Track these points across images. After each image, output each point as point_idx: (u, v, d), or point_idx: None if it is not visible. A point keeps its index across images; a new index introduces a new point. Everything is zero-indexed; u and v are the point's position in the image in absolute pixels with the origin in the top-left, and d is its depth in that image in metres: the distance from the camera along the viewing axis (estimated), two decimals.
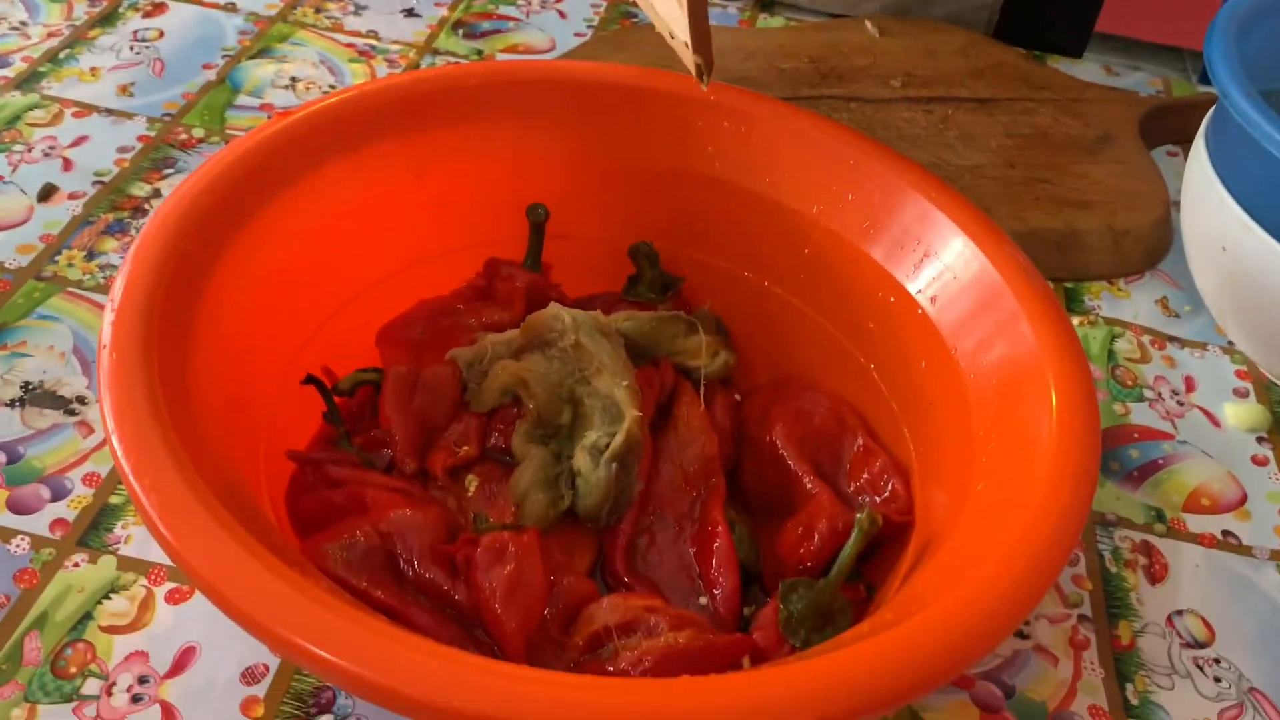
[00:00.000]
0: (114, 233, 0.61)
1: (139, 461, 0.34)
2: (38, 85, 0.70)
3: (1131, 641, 0.48)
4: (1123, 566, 0.52)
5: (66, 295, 0.57)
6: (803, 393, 0.51)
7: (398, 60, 0.76)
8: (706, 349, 0.52)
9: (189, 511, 0.33)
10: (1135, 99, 0.78)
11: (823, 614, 0.42)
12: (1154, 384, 0.61)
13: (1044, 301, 0.43)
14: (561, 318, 0.49)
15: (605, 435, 0.46)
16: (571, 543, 0.46)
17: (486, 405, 0.49)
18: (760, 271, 0.54)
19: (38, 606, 0.44)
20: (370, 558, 0.40)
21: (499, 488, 0.47)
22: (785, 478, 0.48)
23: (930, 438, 0.46)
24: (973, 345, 0.44)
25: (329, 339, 0.49)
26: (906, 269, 0.48)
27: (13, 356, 0.54)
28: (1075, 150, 0.72)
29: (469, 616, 0.40)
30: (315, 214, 0.47)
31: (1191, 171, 0.60)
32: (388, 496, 0.43)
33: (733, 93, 0.53)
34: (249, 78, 0.73)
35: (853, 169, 0.51)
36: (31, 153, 0.65)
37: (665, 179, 0.54)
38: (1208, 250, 0.58)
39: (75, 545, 0.46)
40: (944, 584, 0.36)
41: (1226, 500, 0.55)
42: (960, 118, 0.73)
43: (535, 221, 0.53)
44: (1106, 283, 0.67)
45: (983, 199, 0.67)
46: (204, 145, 0.67)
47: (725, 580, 0.44)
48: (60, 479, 0.49)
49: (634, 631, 0.40)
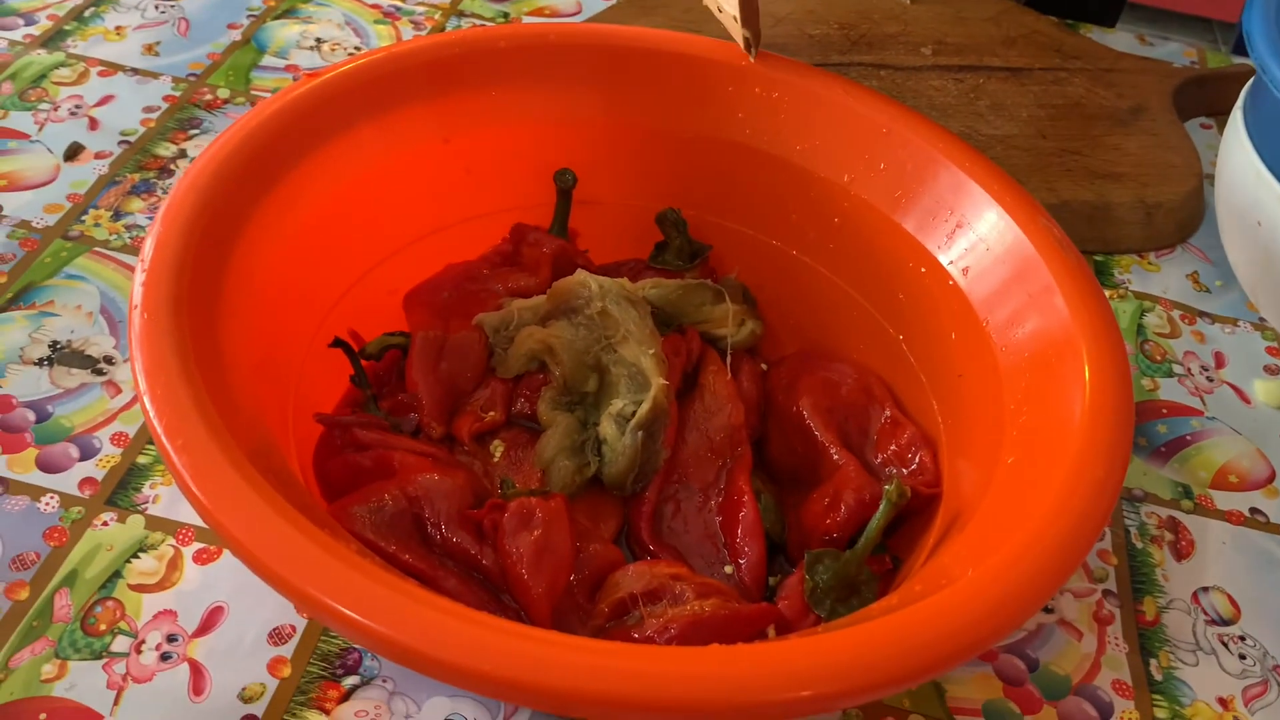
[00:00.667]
0: (140, 193, 0.61)
1: (170, 422, 0.34)
2: (63, 44, 0.69)
3: (1156, 617, 0.48)
4: (1149, 542, 0.51)
5: (93, 255, 0.57)
6: (830, 363, 0.51)
7: (423, 22, 0.75)
8: (733, 318, 0.52)
9: (220, 472, 0.33)
10: (1169, 70, 0.77)
11: (848, 585, 0.42)
12: (1183, 359, 0.60)
13: (1078, 275, 0.42)
14: (588, 284, 0.48)
15: (631, 403, 0.46)
16: (597, 509, 0.46)
17: (513, 371, 0.49)
18: (789, 240, 0.54)
19: (67, 564, 0.44)
20: (398, 521, 0.40)
21: (524, 453, 0.47)
22: (812, 448, 0.48)
23: (959, 410, 0.46)
24: (1005, 318, 0.44)
25: (356, 302, 0.49)
26: (938, 240, 0.48)
27: (41, 315, 0.54)
28: (1107, 121, 0.71)
29: (496, 581, 0.40)
30: (344, 177, 0.47)
31: (1228, 145, 0.59)
32: (415, 460, 0.43)
33: (763, 58, 0.52)
34: (274, 38, 0.72)
35: (886, 137, 0.50)
36: (57, 111, 0.65)
37: (694, 145, 0.53)
38: (1242, 225, 0.57)
39: (104, 504, 0.47)
40: (972, 558, 0.36)
41: (1255, 478, 0.55)
42: (992, 87, 0.72)
43: (563, 187, 0.53)
44: (1137, 256, 0.66)
45: (1014, 170, 0.66)
46: (229, 106, 0.67)
47: (751, 549, 0.44)
48: (89, 438, 0.49)
49: (659, 599, 0.40)
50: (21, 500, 0.46)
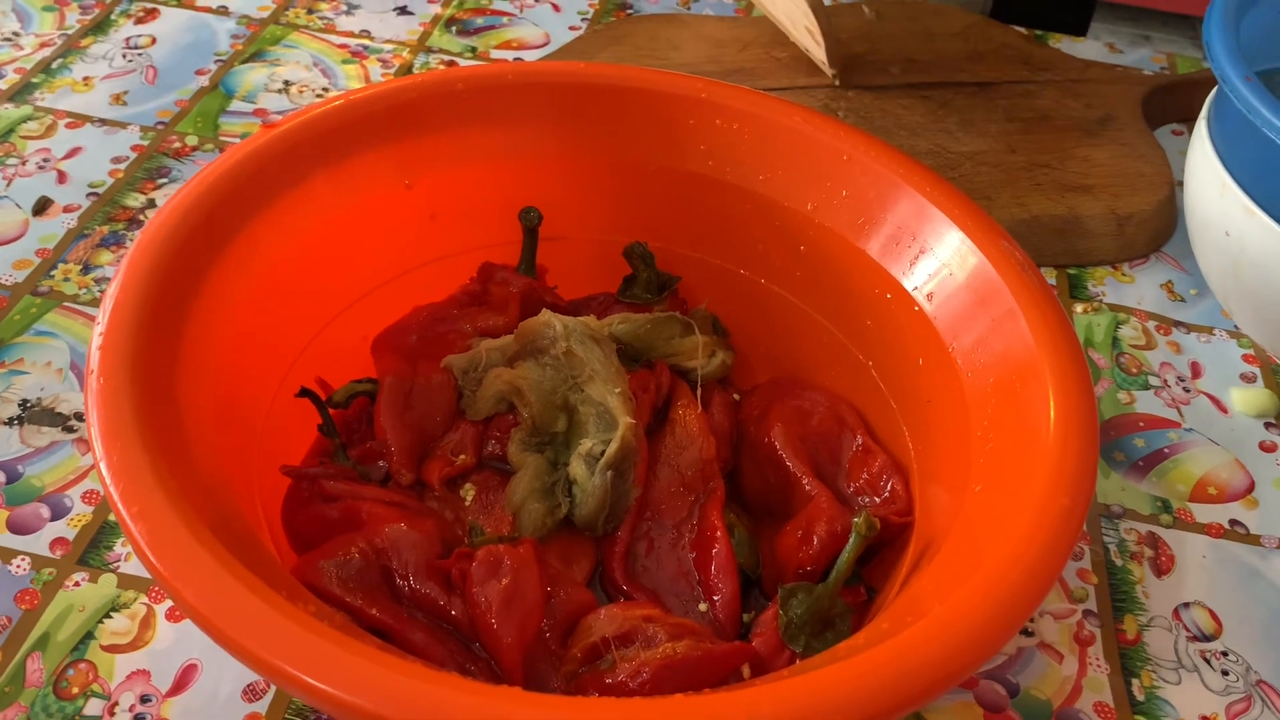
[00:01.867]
0: (109, 245, 0.61)
1: (127, 488, 0.34)
2: (30, 96, 0.70)
3: (1137, 636, 0.48)
4: (1128, 559, 0.51)
5: (63, 310, 0.57)
6: (801, 391, 0.51)
7: (391, 60, 0.75)
8: (703, 349, 0.52)
9: (177, 538, 0.32)
10: (1138, 77, 0.77)
11: (822, 619, 0.41)
12: (1160, 370, 0.60)
13: (1041, 299, 0.42)
14: (553, 325, 0.48)
15: (600, 443, 0.46)
16: (569, 551, 0.46)
17: (482, 413, 0.49)
18: (756, 269, 0.54)
19: (39, 627, 0.44)
20: (365, 575, 0.40)
21: (496, 496, 0.47)
22: (784, 479, 0.47)
23: (929, 436, 0.46)
24: (970, 343, 0.44)
25: (323, 349, 0.49)
26: (903, 265, 0.48)
27: (10, 374, 0.54)
28: (1077, 133, 0.71)
29: (466, 631, 0.40)
30: (305, 227, 0.47)
31: (1194, 155, 0.59)
32: (383, 510, 0.43)
33: (723, 90, 0.52)
34: (242, 82, 0.72)
35: (846, 164, 0.50)
36: (25, 165, 0.65)
37: (658, 178, 0.53)
38: (1212, 235, 0.57)
39: (76, 564, 0.46)
40: (941, 591, 0.36)
41: (1234, 488, 0.55)
42: (960, 103, 0.72)
43: (528, 225, 0.53)
44: (1110, 267, 0.66)
45: (984, 186, 0.66)
46: (198, 153, 0.67)
47: (725, 586, 0.44)
48: (60, 497, 0.49)
49: (632, 642, 0.40)
50: None
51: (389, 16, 0.79)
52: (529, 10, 0.81)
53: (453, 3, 0.81)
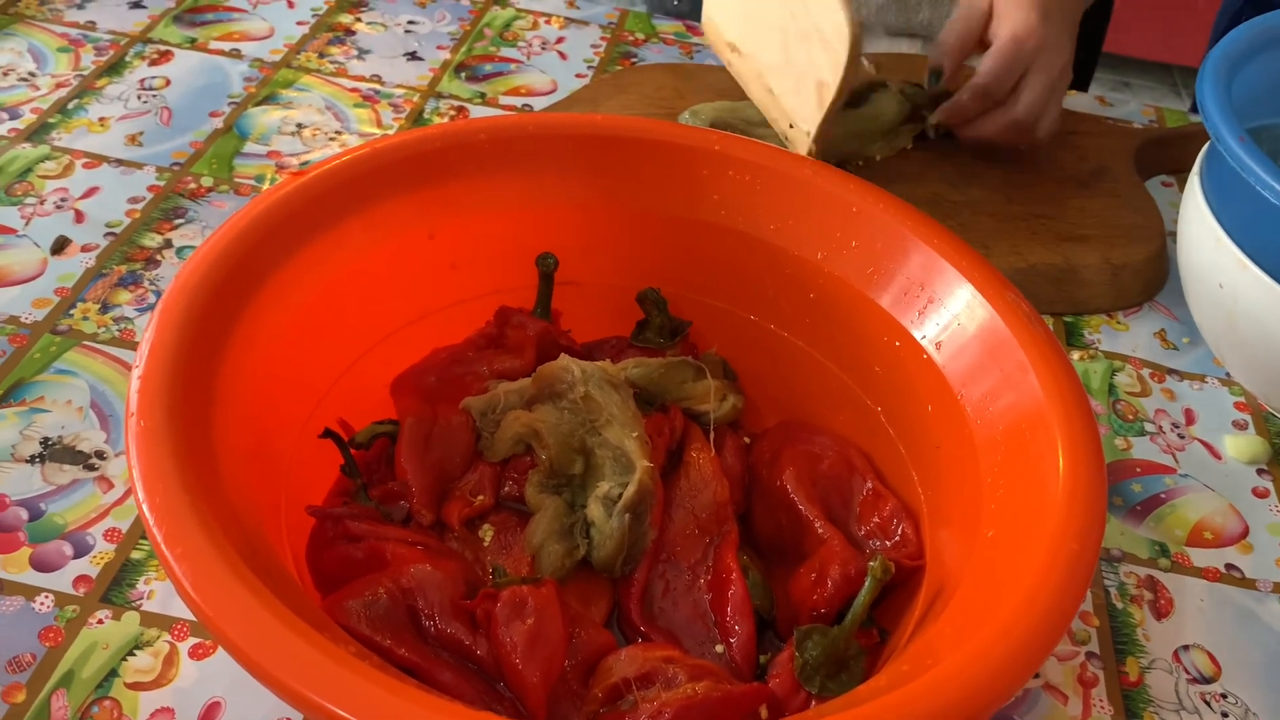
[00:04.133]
0: (127, 285, 0.61)
1: (170, 531, 0.34)
2: (48, 136, 0.71)
3: (1139, 678, 0.49)
4: (1129, 602, 0.52)
5: (82, 349, 0.58)
6: (811, 436, 0.52)
7: (402, 104, 0.77)
8: (715, 393, 0.53)
9: (221, 581, 0.33)
10: (1129, 131, 0.79)
11: (837, 661, 0.42)
12: (1154, 417, 0.62)
13: (1049, 352, 0.44)
14: (571, 370, 0.49)
15: (617, 485, 0.47)
16: (587, 592, 0.47)
17: (500, 454, 0.50)
18: (766, 315, 0.55)
19: (63, 665, 0.45)
20: (392, 615, 0.41)
21: (514, 537, 0.48)
22: (796, 522, 0.49)
23: (938, 481, 0.47)
24: (980, 393, 0.45)
25: (345, 391, 0.50)
26: (911, 315, 0.49)
27: (32, 412, 0.54)
28: (1072, 184, 0.73)
29: (491, 671, 0.40)
30: (331, 272, 0.48)
31: (1187, 209, 0.61)
32: (407, 551, 0.44)
33: (737, 143, 0.54)
34: (255, 125, 0.74)
35: (855, 216, 0.52)
36: (43, 205, 0.66)
37: (672, 226, 0.55)
38: (1205, 286, 0.59)
39: (99, 602, 0.47)
40: (959, 635, 0.37)
41: (1229, 533, 0.56)
42: (958, 155, 0.74)
43: (545, 271, 0.54)
44: (1105, 316, 0.68)
45: (982, 235, 0.68)
46: (213, 194, 0.68)
47: (741, 628, 0.45)
48: (82, 535, 0.49)
49: (652, 683, 0.41)
50: (16, 601, 0.47)
51: (399, 61, 0.81)
52: (536, 57, 0.83)
53: (461, 49, 0.83)
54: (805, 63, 0.65)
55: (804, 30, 0.64)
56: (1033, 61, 0.68)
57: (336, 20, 0.84)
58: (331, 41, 0.82)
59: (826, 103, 0.63)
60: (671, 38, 0.87)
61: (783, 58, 0.67)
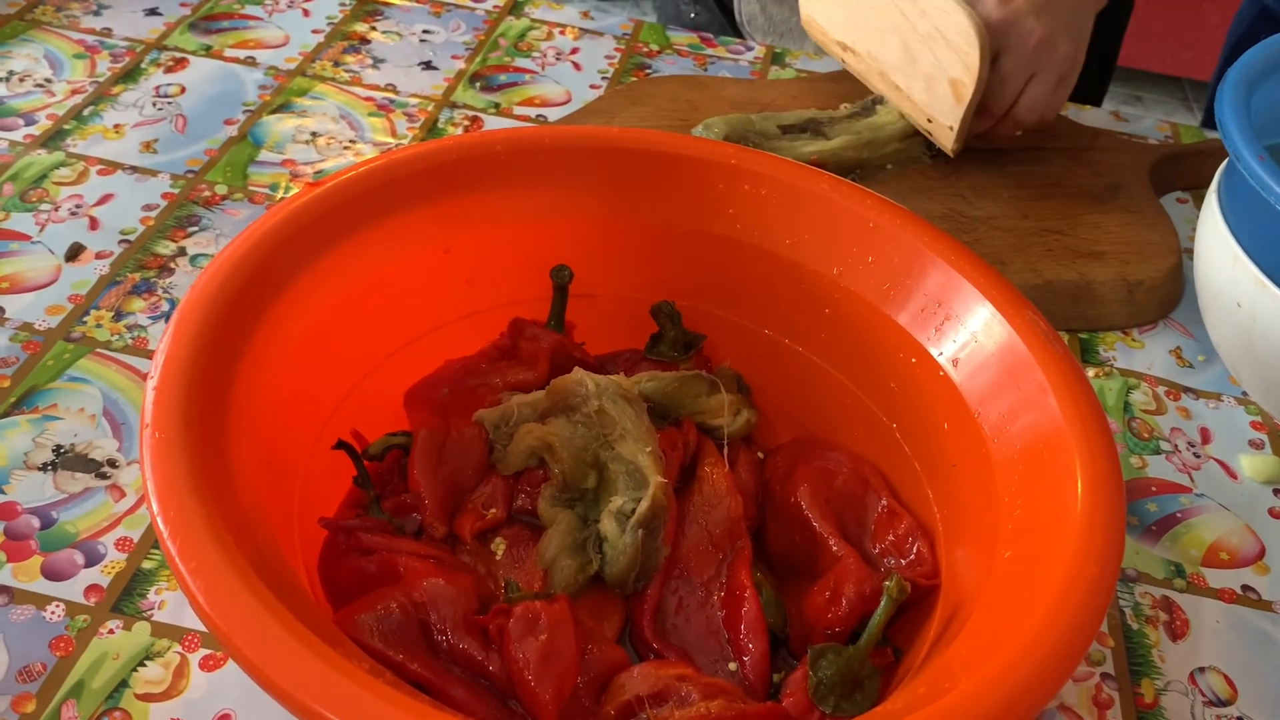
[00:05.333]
0: (141, 292, 0.61)
1: (184, 545, 0.34)
2: (63, 143, 0.71)
3: (1155, 700, 0.49)
4: (1144, 623, 0.52)
5: (96, 356, 0.58)
6: (825, 452, 0.52)
7: (416, 114, 0.77)
8: (729, 407, 0.53)
9: (235, 595, 0.33)
10: (1145, 147, 0.79)
11: (852, 680, 0.42)
12: (1170, 436, 0.61)
13: (1069, 372, 0.43)
14: (585, 383, 0.49)
15: (630, 500, 0.47)
16: (599, 607, 0.46)
17: (513, 467, 0.50)
18: (781, 330, 0.55)
19: (74, 675, 0.45)
20: (405, 629, 0.40)
21: (526, 551, 0.48)
22: (810, 539, 0.48)
23: (955, 500, 0.47)
24: (997, 412, 0.45)
25: (359, 402, 0.50)
26: (928, 332, 0.49)
27: (44, 420, 0.54)
28: (1087, 200, 0.73)
29: (503, 688, 0.40)
30: (346, 283, 0.48)
31: (1204, 227, 0.61)
32: (420, 565, 0.43)
33: (753, 156, 0.54)
34: (270, 133, 0.74)
35: (872, 231, 0.51)
36: (58, 211, 0.66)
37: (687, 240, 0.55)
38: (1222, 305, 0.59)
39: (109, 611, 0.47)
40: (975, 658, 0.36)
41: (1245, 554, 0.56)
42: (972, 168, 0.74)
43: (559, 283, 0.54)
44: (1121, 333, 0.67)
45: (997, 251, 0.68)
46: (227, 202, 0.68)
47: (754, 645, 0.44)
48: (94, 544, 0.49)
49: (665, 701, 0.40)
50: (27, 610, 0.47)
51: (414, 71, 0.81)
52: (550, 68, 0.83)
53: (476, 59, 0.83)
54: (932, 63, 0.67)
55: (925, 33, 0.67)
56: (1025, 58, 0.68)
57: (351, 29, 0.84)
58: (346, 50, 0.82)
59: (966, 99, 0.66)
60: (686, 49, 0.87)
61: (904, 56, 0.70)
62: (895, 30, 0.70)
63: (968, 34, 0.64)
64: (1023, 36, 0.68)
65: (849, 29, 0.74)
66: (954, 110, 0.67)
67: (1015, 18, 0.68)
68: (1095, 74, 0.96)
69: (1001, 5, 0.68)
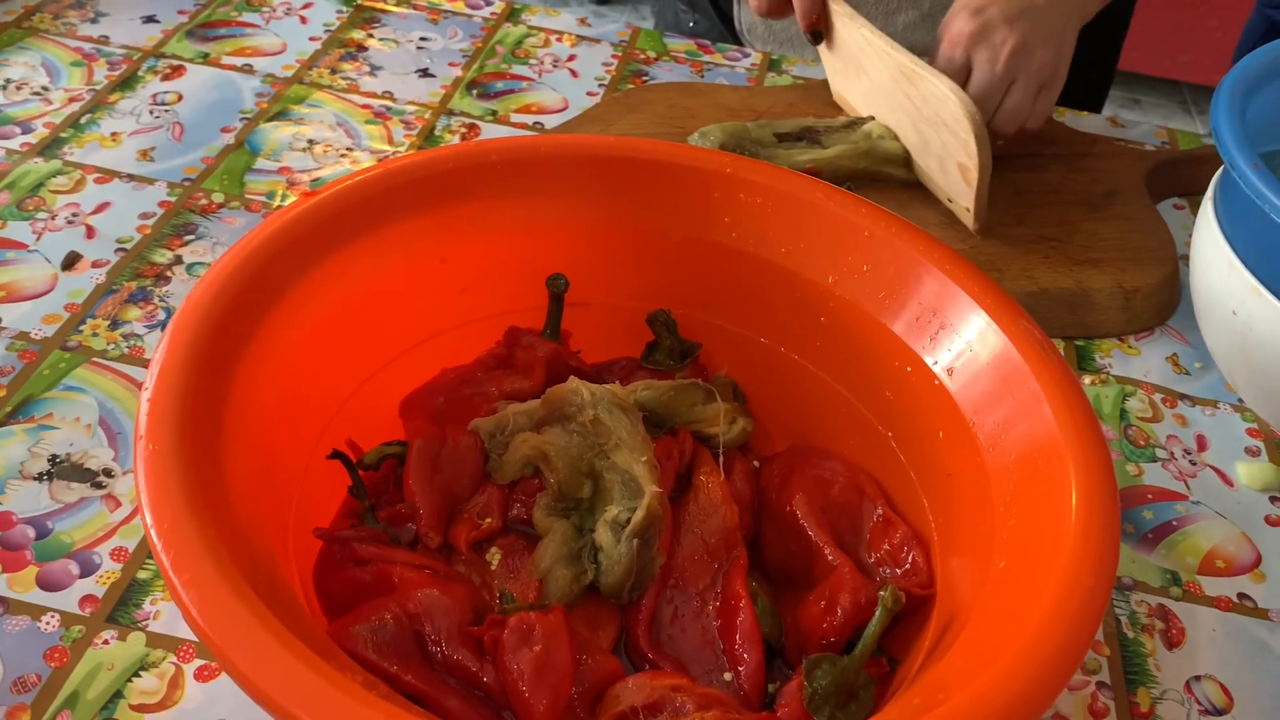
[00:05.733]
0: (137, 301, 0.61)
1: (178, 557, 0.34)
2: (60, 151, 0.71)
3: (1150, 709, 0.49)
4: (1140, 631, 0.52)
5: (92, 365, 0.58)
6: (821, 460, 0.52)
7: (413, 121, 0.77)
8: (724, 416, 0.53)
9: (228, 607, 0.33)
10: (1141, 153, 0.79)
11: (847, 690, 0.42)
12: (1166, 443, 0.61)
13: (1063, 381, 0.43)
14: (580, 393, 0.49)
15: (626, 510, 0.47)
16: (594, 617, 0.46)
17: (508, 477, 0.50)
18: (777, 338, 0.55)
19: (68, 685, 0.45)
20: (399, 640, 0.40)
21: (521, 561, 0.48)
22: (806, 548, 0.48)
23: (949, 509, 0.47)
24: (992, 422, 0.45)
25: (354, 411, 0.50)
26: (923, 341, 0.49)
27: (40, 429, 0.54)
28: (1083, 207, 0.73)
29: (497, 699, 0.40)
30: (341, 294, 0.48)
31: (1200, 235, 0.61)
32: (415, 575, 0.43)
33: (749, 165, 0.54)
34: (267, 140, 0.74)
35: (867, 240, 0.51)
36: (55, 220, 0.66)
37: (683, 248, 0.55)
38: (1218, 313, 0.59)
39: (104, 622, 0.47)
40: (969, 669, 0.36)
41: (1241, 562, 0.56)
42: None
43: (555, 292, 0.54)
44: (1117, 340, 0.67)
45: (993, 258, 0.68)
46: (224, 210, 0.68)
47: (749, 655, 0.44)
48: (89, 554, 0.49)
49: (661, 711, 0.40)
50: (22, 620, 0.47)
51: (411, 78, 0.81)
52: (547, 75, 0.83)
53: (473, 66, 0.83)
54: (940, 146, 0.68)
55: (929, 118, 0.67)
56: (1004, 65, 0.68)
57: (348, 36, 0.84)
58: (343, 57, 0.82)
59: (974, 184, 0.66)
60: (683, 56, 0.87)
61: (919, 139, 0.70)
62: (905, 113, 0.70)
63: (961, 120, 0.64)
64: (996, 45, 0.68)
65: (870, 108, 0.75)
66: (966, 193, 0.67)
67: (988, 27, 0.68)
68: (1094, 80, 0.96)
69: (974, 17, 0.69)
